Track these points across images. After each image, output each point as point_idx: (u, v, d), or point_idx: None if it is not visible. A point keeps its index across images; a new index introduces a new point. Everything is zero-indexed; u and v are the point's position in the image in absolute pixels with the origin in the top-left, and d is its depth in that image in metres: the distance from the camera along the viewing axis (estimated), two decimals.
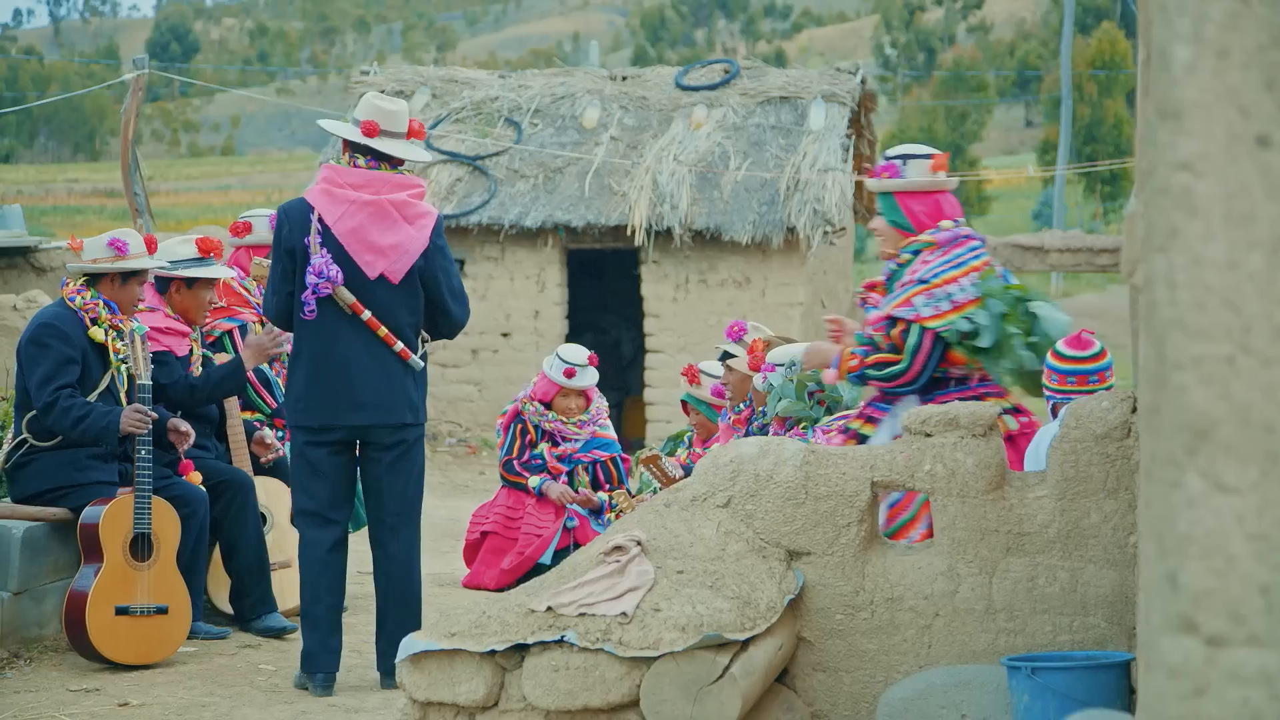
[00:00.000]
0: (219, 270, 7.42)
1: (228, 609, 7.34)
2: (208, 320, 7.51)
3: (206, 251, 7.33)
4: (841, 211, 15.43)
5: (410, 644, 4.77)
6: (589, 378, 8.86)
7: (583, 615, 4.69)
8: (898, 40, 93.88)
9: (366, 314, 6.07)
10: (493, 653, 4.70)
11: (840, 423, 6.14)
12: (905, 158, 5.86)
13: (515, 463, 8.91)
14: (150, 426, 6.53)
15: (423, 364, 6.26)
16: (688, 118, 16.42)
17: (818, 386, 7.17)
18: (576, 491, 8.81)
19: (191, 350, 7.36)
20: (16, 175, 74.32)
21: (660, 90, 16.85)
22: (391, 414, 6.18)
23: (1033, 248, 18.37)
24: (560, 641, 4.65)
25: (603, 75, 17.36)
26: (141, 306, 7.07)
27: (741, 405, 7.92)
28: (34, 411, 6.63)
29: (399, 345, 6.12)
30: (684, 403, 8.95)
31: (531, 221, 15.61)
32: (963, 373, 5.79)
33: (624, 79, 17.22)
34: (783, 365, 7.23)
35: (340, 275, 6.04)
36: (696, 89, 16.75)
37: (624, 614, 4.66)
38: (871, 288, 6.04)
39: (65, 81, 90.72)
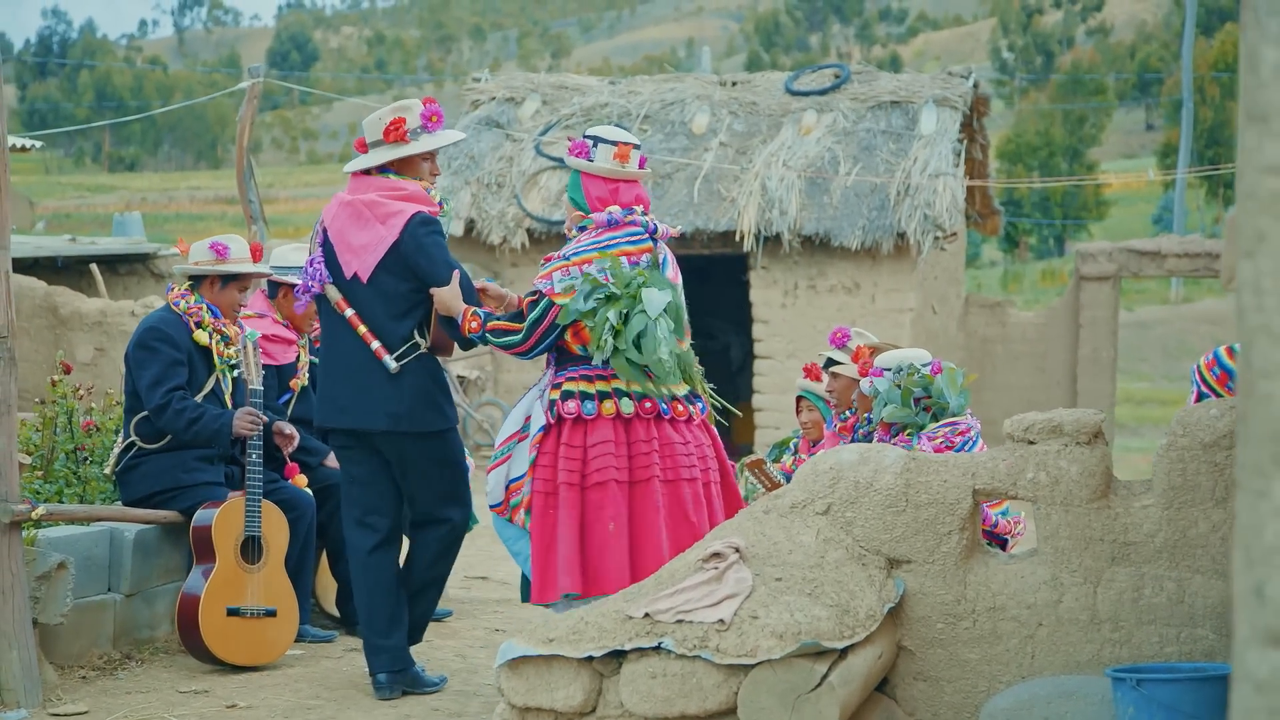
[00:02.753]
0: None
1: (335, 612, 7.41)
2: (315, 327, 7.57)
3: None
4: (953, 216, 15.28)
5: (509, 649, 4.79)
6: None
7: (680, 622, 4.68)
8: (1015, 43, 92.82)
9: (349, 312, 6.10)
10: (590, 659, 4.70)
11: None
12: (597, 140, 5.98)
13: None
14: (261, 429, 6.62)
15: (396, 365, 6.04)
16: (797, 123, 16.35)
17: (924, 392, 7.10)
18: None
19: (299, 357, 7.44)
20: (141, 183, 75.69)
21: (770, 95, 16.80)
22: (365, 419, 6.11)
23: (1149, 253, 18.06)
24: (657, 648, 4.64)
25: (712, 81, 17.34)
26: (248, 313, 7.15)
27: (847, 412, 7.84)
28: (142, 414, 6.72)
29: (375, 344, 6.06)
30: (799, 398, 8.87)
31: None
32: (584, 352, 5.88)
33: (733, 84, 17.19)
34: (889, 370, 7.16)
35: (326, 275, 6.15)
36: (806, 94, 16.68)
37: (721, 621, 4.65)
38: (549, 260, 6.01)
39: (188, 91, 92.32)
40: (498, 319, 5.87)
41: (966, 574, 4.94)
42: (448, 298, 5.95)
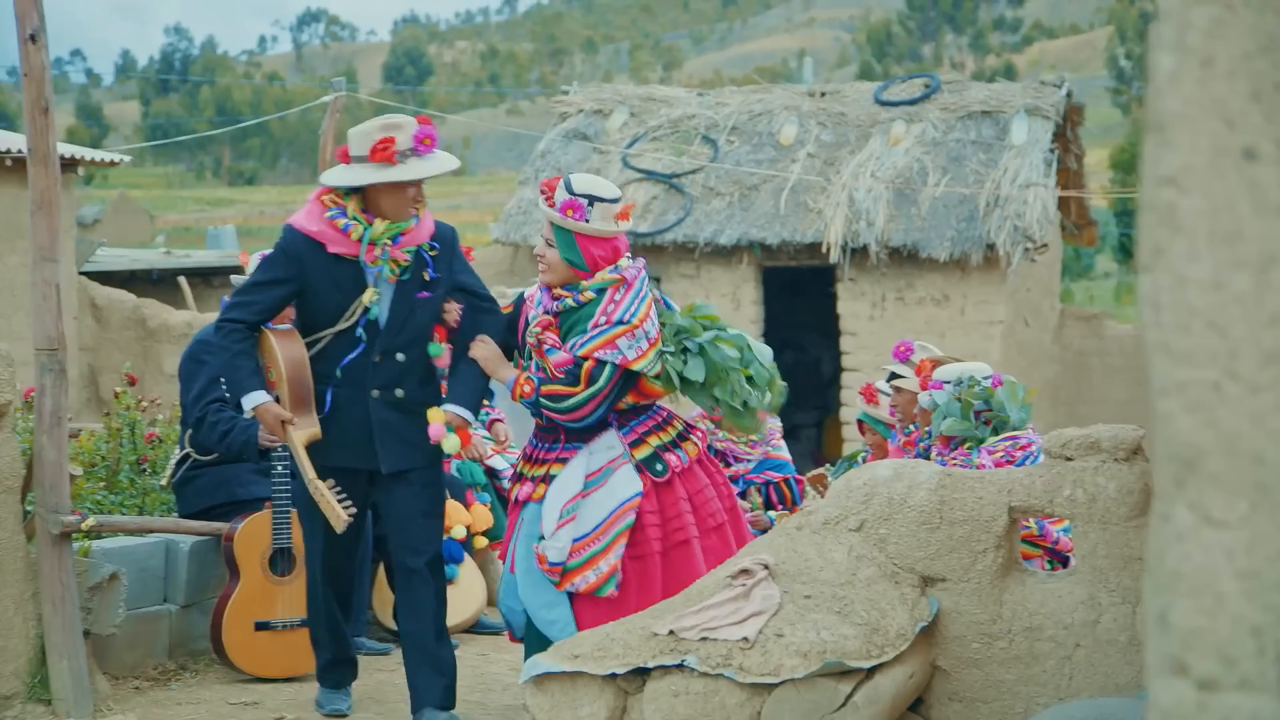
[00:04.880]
0: None
1: (392, 625, 7.42)
2: None
3: None
4: (1044, 228, 15.08)
5: (533, 665, 4.77)
6: None
7: (704, 639, 4.64)
8: (1132, 51, 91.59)
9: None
10: (614, 676, 4.67)
11: (522, 466, 5.79)
12: (592, 199, 5.51)
13: None
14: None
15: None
16: (886, 133, 16.22)
17: (985, 405, 7.00)
18: (748, 511, 8.72)
19: None
20: (260, 196, 76.86)
21: (859, 106, 16.70)
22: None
23: None
24: (681, 666, 4.60)
25: (801, 91, 17.26)
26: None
27: (911, 427, 7.76)
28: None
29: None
30: (860, 422, 8.81)
31: (726, 239, 15.59)
32: (646, 402, 5.64)
33: (822, 95, 17.10)
34: (949, 383, 7.06)
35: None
36: (896, 104, 16.55)
37: (745, 639, 4.60)
38: (546, 328, 5.57)
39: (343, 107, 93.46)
40: (552, 383, 5.45)
41: (1002, 593, 4.85)
42: (501, 362, 5.67)
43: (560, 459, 5.57)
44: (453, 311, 5.70)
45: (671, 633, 4.68)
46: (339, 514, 5.39)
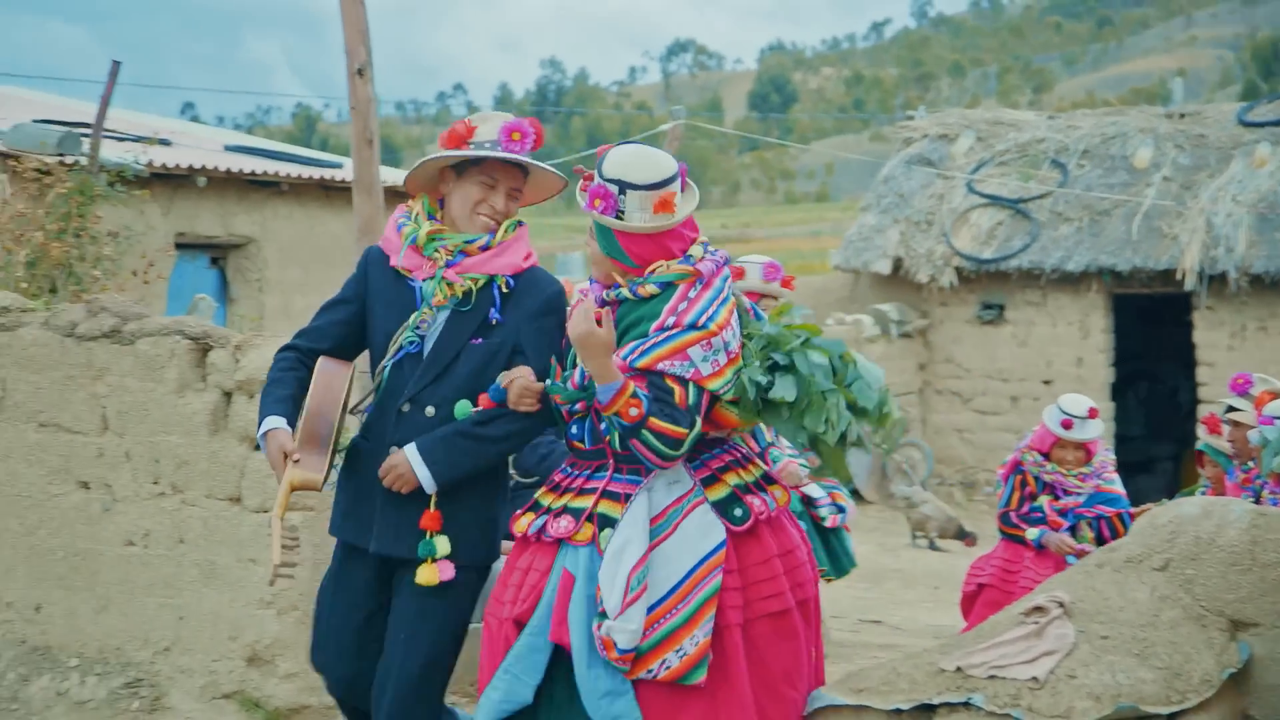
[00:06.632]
0: None
1: None
2: None
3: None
4: None
5: (818, 697, 4.70)
6: (1089, 430, 8.45)
7: (992, 678, 4.50)
8: None
9: None
10: (899, 711, 4.57)
11: (552, 499, 4.36)
12: (624, 186, 4.20)
13: (1013, 514, 8.64)
14: None
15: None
16: (1249, 155, 15.53)
17: None
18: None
19: None
20: None
21: (1220, 127, 16.07)
22: None
23: None
24: (967, 704, 4.47)
25: (1158, 113, 16.71)
26: None
27: (1250, 463, 7.40)
28: None
29: None
30: (1200, 453, 8.45)
31: (1074, 265, 15.19)
32: (718, 434, 4.33)
33: (1181, 116, 16.51)
34: (1279, 418, 6.70)
35: None
36: (1261, 125, 15.85)
37: (1035, 679, 4.44)
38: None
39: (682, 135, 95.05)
40: (661, 418, 4.05)
41: None
42: (601, 347, 4.08)
43: (610, 494, 4.22)
44: (517, 386, 4.29)
45: (959, 669, 4.56)
46: (274, 561, 4.19)
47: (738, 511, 4.20)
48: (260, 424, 4.28)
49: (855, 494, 14.94)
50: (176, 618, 6.28)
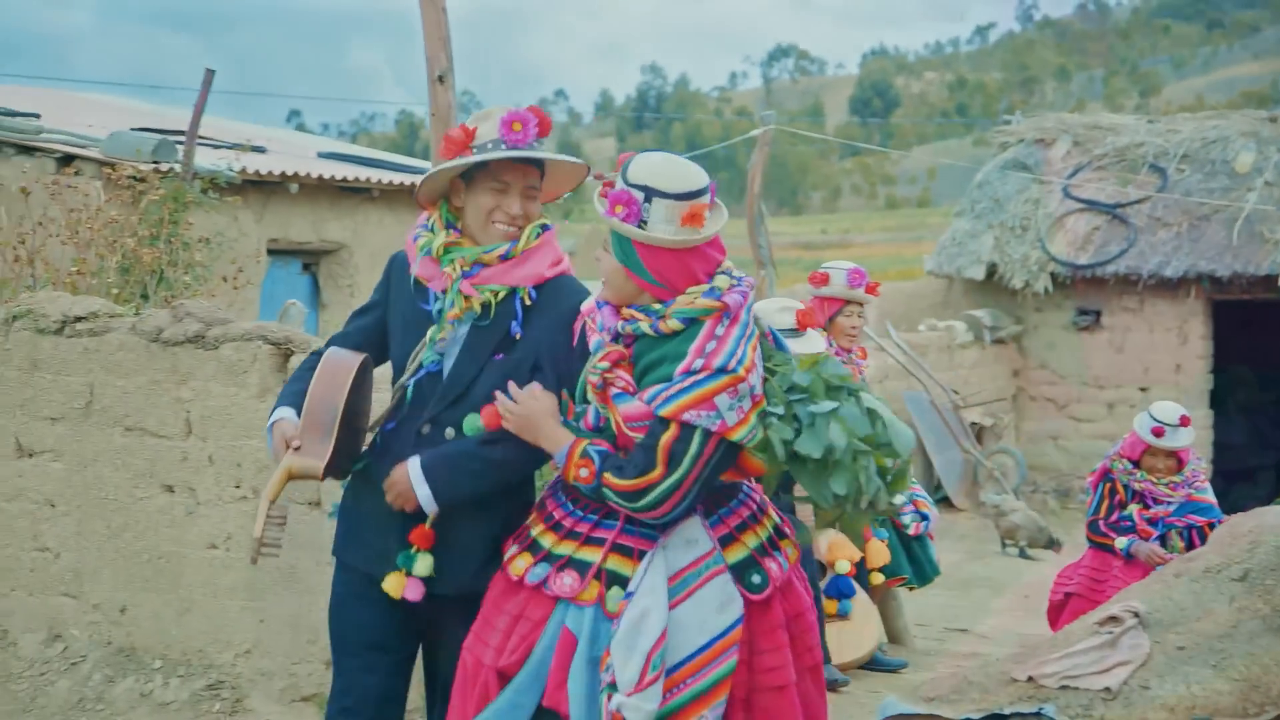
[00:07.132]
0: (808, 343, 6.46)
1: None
2: None
3: (804, 325, 6.48)
4: None
5: (889, 705, 4.67)
6: (1180, 439, 8.32)
7: (1065, 688, 4.45)
8: None
9: None
10: None
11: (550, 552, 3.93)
12: (650, 193, 3.77)
13: (1102, 523, 8.52)
14: None
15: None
16: None
17: None
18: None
19: None
20: (729, 229, 78.40)
21: None
22: None
23: None
24: (1038, 714, 4.42)
25: (1260, 117, 16.42)
26: None
27: None
28: None
29: None
30: None
31: (1172, 271, 14.98)
32: (734, 481, 3.94)
33: None
34: None
35: None
36: None
37: (1108, 689, 4.39)
38: (616, 362, 3.83)
39: (774, 140, 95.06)
40: (620, 474, 3.73)
41: None
42: (536, 420, 3.92)
43: (620, 548, 3.84)
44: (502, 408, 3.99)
45: (1031, 679, 4.52)
46: (255, 535, 3.97)
47: (756, 579, 3.83)
48: (270, 416, 4.10)
49: (945, 501, 14.80)
50: (257, 620, 6.34)
